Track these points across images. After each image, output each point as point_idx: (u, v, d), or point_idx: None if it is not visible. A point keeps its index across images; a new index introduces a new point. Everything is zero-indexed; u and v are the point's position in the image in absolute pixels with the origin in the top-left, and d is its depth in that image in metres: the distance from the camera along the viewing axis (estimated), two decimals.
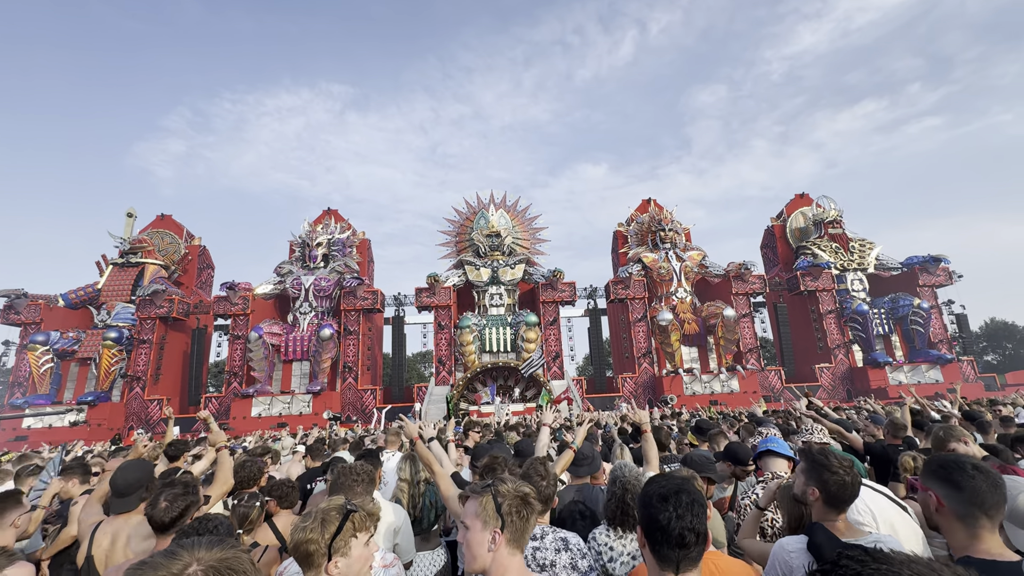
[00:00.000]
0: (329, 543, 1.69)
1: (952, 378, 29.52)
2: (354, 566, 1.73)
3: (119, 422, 28.31)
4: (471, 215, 35.73)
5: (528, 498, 1.71)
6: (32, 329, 30.38)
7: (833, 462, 2.11)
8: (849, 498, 2.08)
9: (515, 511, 1.65)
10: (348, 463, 2.99)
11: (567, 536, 2.21)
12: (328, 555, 1.69)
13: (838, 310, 32.95)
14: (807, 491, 2.16)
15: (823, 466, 2.11)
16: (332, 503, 1.83)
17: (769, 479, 2.88)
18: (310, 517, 1.75)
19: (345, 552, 1.71)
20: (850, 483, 2.07)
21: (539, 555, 2.12)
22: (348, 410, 29.58)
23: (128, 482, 2.92)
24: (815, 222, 35.86)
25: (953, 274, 33.19)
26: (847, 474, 2.08)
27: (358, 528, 1.76)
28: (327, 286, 31.83)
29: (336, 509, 1.78)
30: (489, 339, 30.83)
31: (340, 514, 1.76)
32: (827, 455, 2.17)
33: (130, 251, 33.21)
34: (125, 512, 2.88)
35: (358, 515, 1.79)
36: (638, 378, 31.25)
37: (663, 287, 32.94)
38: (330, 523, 1.73)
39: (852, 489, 2.07)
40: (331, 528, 1.72)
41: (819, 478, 2.11)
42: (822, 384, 30.90)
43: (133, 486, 2.93)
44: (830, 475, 2.08)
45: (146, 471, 3.09)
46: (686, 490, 1.58)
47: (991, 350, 59.74)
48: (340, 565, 1.70)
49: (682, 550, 1.51)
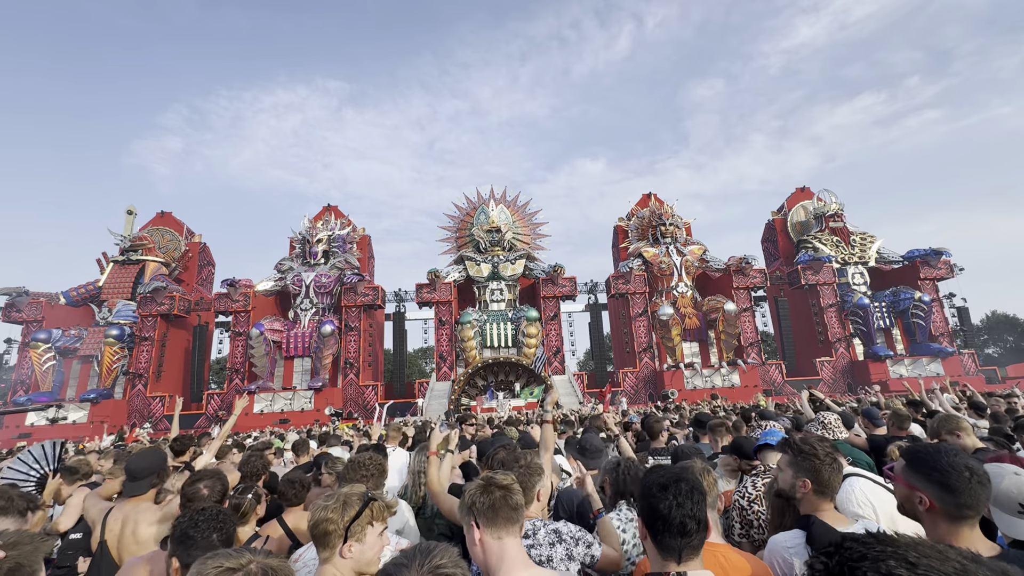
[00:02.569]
0: (347, 526, 1.75)
1: (953, 371, 29.51)
2: (367, 553, 1.78)
3: (122, 419, 28.41)
4: (471, 210, 35.68)
5: (489, 481, 1.75)
6: (34, 327, 30.46)
7: (819, 449, 2.10)
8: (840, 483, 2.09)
9: (477, 499, 1.70)
10: (359, 456, 3.00)
11: (558, 527, 2.21)
12: (344, 538, 1.75)
13: (839, 304, 32.90)
14: (796, 484, 2.12)
15: (811, 455, 2.10)
16: (354, 489, 1.89)
17: (761, 471, 2.88)
18: (332, 497, 1.82)
19: (360, 538, 1.77)
20: (840, 468, 2.08)
21: (535, 552, 2.08)
22: (350, 406, 29.66)
23: (141, 467, 3.09)
24: (816, 216, 35.76)
25: (954, 267, 33.10)
26: (834, 460, 2.09)
27: (375, 517, 1.82)
28: (328, 282, 31.83)
29: (358, 495, 1.84)
30: (490, 334, 30.86)
31: (361, 500, 1.82)
32: (811, 443, 2.14)
33: (130, 248, 33.21)
34: (136, 496, 3.03)
35: (377, 504, 1.85)
36: (639, 373, 31.30)
37: (664, 282, 32.91)
38: (351, 507, 1.79)
39: (840, 474, 2.09)
40: (351, 512, 1.78)
41: (810, 467, 2.08)
42: (823, 378, 30.91)
43: (146, 471, 3.10)
44: (819, 463, 2.06)
45: (159, 458, 3.25)
46: (685, 479, 1.59)
47: (992, 343, 59.73)
48: (354, 549, 1.75)
49: (683, 538, 1.51)
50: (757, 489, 2.80)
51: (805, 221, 36.82)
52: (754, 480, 2.87)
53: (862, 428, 5.10)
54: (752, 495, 2.79)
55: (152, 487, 3.13)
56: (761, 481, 2.82)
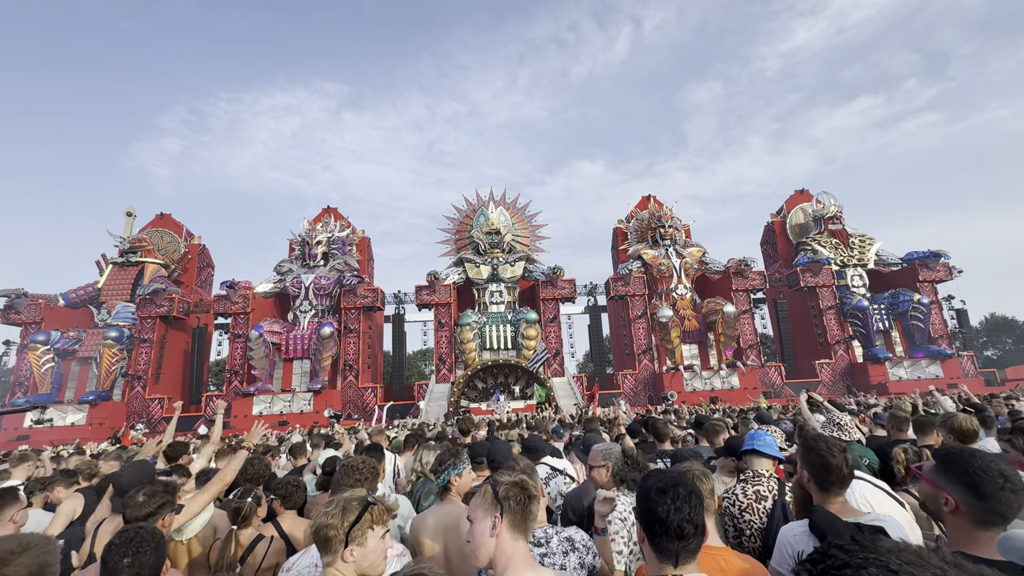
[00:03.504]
0: (347, 531, 1.77)
1: (952, 373, 29.55)
2: (368, 557, 1.79)
3: (120, 421, 28.35)
4: (471, 212, 35.71)
5: (526, 484, 1.75)
6: (33, 329, 30.41)
7: (821, 445, 2.16)
8: (837, 480, 2.10)
9: (512, 496, 1.70)
10: (352, 458, 3.01)
11: (571, 535, 2.21)
12: (345, 542, 1.77)
13: (838, 306, 32.94)
14: (801, 474, 2.22)
15: (810, 449, 2.18)
16: (354, 494, 1.91)
17: (751, 477, 2.80)
18: (333, 503, 1.84)
19: (361, 542, 1.79)
20: (835, 465, 2.09)
21: (548, 560, 2.08)
22: (349, 408, 29.63)
23: (131, 481, 3.05)
24: (815, 218, 35.84)
25: (953, 269, 33.16)
26: (832, 456, 2.11)
27: (375, 521, 1.84)
28: (327, 284, 31.83)
29: (358, 500, 1.86)
30: (489, 336, 30.86)
31: (361, 505, 1.84)
32: (817, 439, 2.21)
33: (130, 250, 33.21)
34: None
35: (377, 508, 1.86)
36: (638, 375, 31.28)
37: (663, 284, 32.93)
38: (351, 512, 1.81)
39: (838, 472, 2.09)
40: (351, 517, 1.79)
41: (807, 460, 2.18)
42: (822, 380, 30.92)
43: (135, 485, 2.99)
44: (816, 457, 2.13)
45: (148, 472, 3.23)
46: (683, 482, 1.60)
47: (991, 345, 59.80)
48: (355, 554, 1.77)
49: (681, 542, 1.52)
50: (748, 497, 2.70)
51: (804, 223, 36.88)
52: (744, 487, 2.76)
53: (859, 427, 5.12)
54: (744, 503, 2.69)
55: None
56: (752, 488, 2.73)
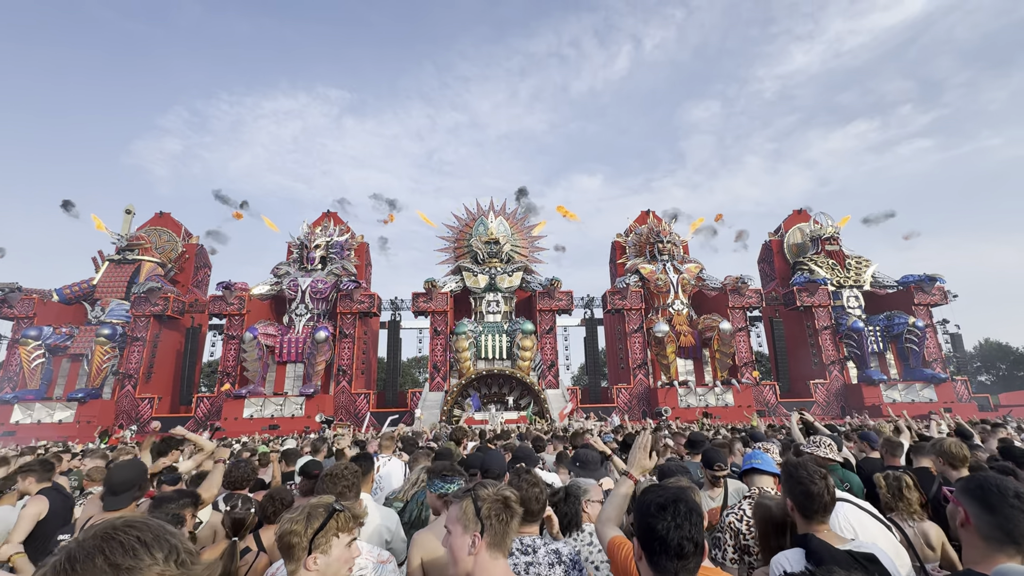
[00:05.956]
0: (311, 538, 1.72)
1: (946, 397, 29.56)
2: (333, 565, 1.75)
3: (109, 420, 28.04)
4: (470, 221, 35.81)
5: (508, 501, 1.72)
6: (25, 323, 30.16)
7: (802, 472, 2.11)
8: (820, 508, 2.06)
9: (494, 514, 1.66)
10: (335, 466, 2.97)
11: (559, 548, 2.18)
12: (309, 549, 1.72)
13: (834, 326, 33.03)
14: (785, 503, 2.17)
15: (791, 476, 2.13)
16: (321, 500, 1.87)
17: (756, 495, 2.82)
18: (298, 510, 1.80)
19: (325, 550, 1.74)
20: (816, 492, 2.05)
21: (532, 570, 2.06)
22: (341, 414, 29.39)
23: (122, 481, 3.01)
24: (812, 238, 36.08)
25: (948, 293, 33.36)
26: (814, 483, 2.07)
27: (341, 528, 1.79)
28: (324, 288, 31.75)
29: (323, 506, 1.82)
30: (485, 346, 30.76)
31: (327, 511, 1.79)
32: (798, 466, 2.16)
33: (127, 248, 33.11)
34: (117, 510, 2.95)
35: (343, 515, 1.81)
36: (633, 389, 31.18)
37: (660, 299, 32.99)
38: (315, 519, 1.76)
39: (820, 499, 2.05)
40: (315, 524, 1.75)
41: (789, 489, 2.13)
42: (816, 400, 30.87)
43: (126, 485, 3.02)
44: (797, 484, 2.09)
45: (139, 471, 3.17)
46: (684, 499, 1.54)
47: (985, 370, 59.90)
48: (319, 562, 1.72)
49: (680, 560, 1.47)
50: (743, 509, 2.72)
51: (801, 243, 37.11)
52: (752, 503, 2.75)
53: (853, 453, 5.10)
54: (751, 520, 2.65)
55: (134, 500, 3.02)
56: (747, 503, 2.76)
